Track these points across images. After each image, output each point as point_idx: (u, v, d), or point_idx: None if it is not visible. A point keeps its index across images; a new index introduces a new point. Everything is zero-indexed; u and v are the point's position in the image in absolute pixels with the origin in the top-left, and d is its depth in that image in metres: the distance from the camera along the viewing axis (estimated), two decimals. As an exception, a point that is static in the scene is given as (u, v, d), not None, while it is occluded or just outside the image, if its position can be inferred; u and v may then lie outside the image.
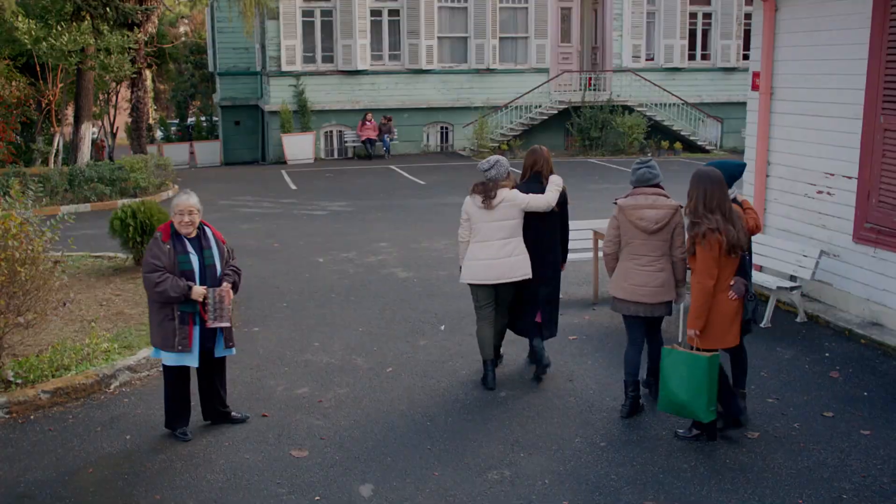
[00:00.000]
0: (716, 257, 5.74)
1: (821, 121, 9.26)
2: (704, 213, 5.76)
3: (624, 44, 28.05)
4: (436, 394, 7.13)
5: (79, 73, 18.73)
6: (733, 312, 5.96)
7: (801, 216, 9.66)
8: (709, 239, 5.72)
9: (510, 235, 7.09)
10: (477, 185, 7.16)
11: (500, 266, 7.09)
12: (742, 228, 5.86)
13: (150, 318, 6.24)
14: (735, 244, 5.75)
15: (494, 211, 7.04)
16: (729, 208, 5.80)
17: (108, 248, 12.46)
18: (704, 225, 5.73)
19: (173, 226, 6.18)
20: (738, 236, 5.77)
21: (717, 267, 5.76)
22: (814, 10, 9.27)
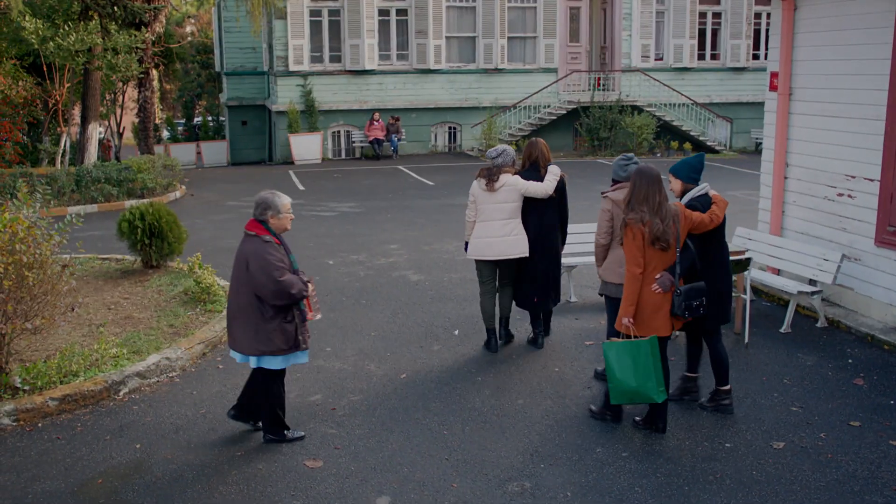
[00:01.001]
0: (640, 246, 5.95)
1: (841, 122, 9.08)
2: (634, 205, 6.01)
3: (633, 43, 27.86)
4: (452, 401, 6.98)
5: (86, 73, 18.62)
6: (656, 303, 6.07)
7: (820, 219, 9.49)
8: (631, 228, 5.97)
9: (510, 217, 7.85)
10: (482, 170, 7.99)
11: (501, 244, 7.85)
12: (671, 224, 5.98)
13: (260, 326, 5.90)
14: (658, 236, 5.91)
15: (497, 193, 7.81)
16: (659, 203, 5.96)
17: (116, 250, 12.33)
18: (630, 215, 6.00)
19: (266, 226, 5.96)
20: (664, 229, 5.92)
21: (642, 255, 5.96)
22: (834, 8, 9.10)
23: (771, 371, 7.61)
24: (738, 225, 13.92)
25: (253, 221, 5.99)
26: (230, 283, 6.12)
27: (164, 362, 7.56)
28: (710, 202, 6.50)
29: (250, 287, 5.87)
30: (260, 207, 5.96)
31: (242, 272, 5.92)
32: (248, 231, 5.98)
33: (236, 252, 6.08)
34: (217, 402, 7.02)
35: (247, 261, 5.87)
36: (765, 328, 8.80)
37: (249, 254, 5.86)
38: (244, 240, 5.99)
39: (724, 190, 18.55)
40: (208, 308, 9.16)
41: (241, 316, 5.96)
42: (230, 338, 6.15)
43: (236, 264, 6.01)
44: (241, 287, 5.95)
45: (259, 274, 5.80)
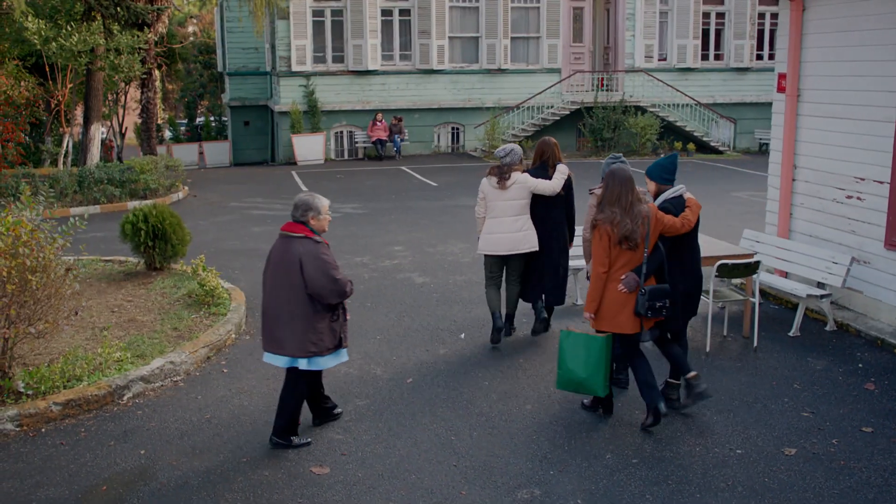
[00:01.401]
0: (606, 247, 6.13)
1: (850, 123, 9.01)
2: (604, 206, 6.18)
3: (636, 44, 27.79)
4: (459, 406, 6.91)
5: (88, 74, 18.56)
6: (620, 301, 6.20)
7: (828, 221, 9.41)
8: (598, 229, 6.14)
9: (519, 213, 8.13)
10: (493, 168, 8.24)
11: (510, 240, 8.13)
12: (641, 224, 6.10)
13: (311, 327, 5.92)
14: (627, 236, 6.06)
15: (507, 191, 8.09)
16: (631, 203, 6.11)
17: (119, 252, 12.27)
18: (599, 216, 6.17)
19: (308, 227, 5.98)
20: (632, 229, 6.06)
21: (607, 256, 6.14)
22: (844, 9, 9.03)
23: (780, 375, 7.54)
24: (743, 226, 13.85)
25: (293, 223, 5.98)
26: (269, 287, 6.03)
27: (169, 366, 7.50)
28: (684, 204, 6.52)
29: (303, 288, 5.85)
30: (301, 209, 5.97)
31: (292, 274, 5.86)
32: (292, 233, 5.95)
33: (276, 255, 6.02)
34: (222, 406, 6.96)
35: (299, 262, 5.83)
36: (773, 332, 8.73)
37: (303, 255, 5.83)
38: (290, 241, 5.94)
39: (727, 191, 18.52)
40: (212, 311, 9.09)
41: (290, 318, 5.92)
42: (273, 342, 6.06)
43: (279, 267, 5.95)
44: (290, 289, 5.89)
45: (317, 274, 5.82)
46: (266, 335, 6.12)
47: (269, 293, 6.04)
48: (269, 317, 6.06)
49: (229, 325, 8.63)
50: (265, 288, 6.09)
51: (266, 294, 6.07)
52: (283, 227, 6.03)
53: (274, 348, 6.06)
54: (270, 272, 6.03)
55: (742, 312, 8.90)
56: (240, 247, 13.21)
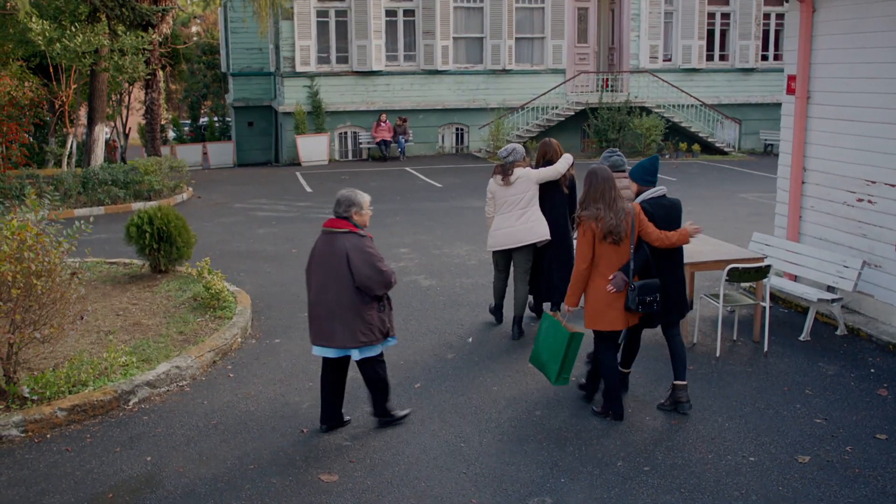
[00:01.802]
0: (590, 243, 6.26)
1: (861, 126, 8.93)
2: (588, 203, 6.32)
3: (641, 44, 27.69)
4: (468, 412, 6.84)
5: (92, 75, 18.51)
6: (609, 299, 6.34)
7: (839, 224, 9.33)
8: (583, 224, 6.28)
9: (527, 206, 8.36)
10: (497, 167, 8.50)
11: (519, 232, 8.37)
12: (624, 219, 6.24)
13: (362, 318, 6.11)
14: (611, 230, 6.19)
15: (512, 186, 8.35)
16: (613, 199, 6.27)
17: (123, 254, 12.22)
18: (583, 212, 6.31)
19: (352, 222, 6.17)
20: (616, 223, 6.20)
21: (590, 252, 6.28)
22: (855, 10, 8.95)
23: (792, 381, 7.46)
24: (750, 228, 13.78)
25: (337, 219, 6.18)
26: (316, 282, 6.17)
27: (174, 371, 7.44)
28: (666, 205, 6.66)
29: (351, 281, 6.04)
30: (344, 205, 6.17)
31: (340, 268, 6.05)
32: (336, 229, 6.14)
33: (321, 250, 6.18)
34: (228, 412, 6.90)
35: (346, 256, 6.02)
36: (783, 336, 8.65)
37: (351, 249, 6.03)
38: (335, 237, 6.12)
39: (734, 192, 18.44)
40: (217, 314, 9.02)
41: (342, 311, 6.08)
42: (322, 336, 6.21)
43: (326, 262, 6.11)
44: (338, 282, 6.06)
45: (364, 267, 6.02)
46: (315, 329, 6.26)
47: (316, 288, 6.18)
48: (317, 311, 6.20)
49: (235, 329, 8.57)
50: (311, 284, 6.24)
51: (312, 289, 6.21)
52: (326, 223, 6.22)
53: (325, 341, 6.22)
54: (316, 268, 6.18)
55: (752, 316, 8.83)
56: (245, 249, 13.14)
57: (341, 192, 6.30)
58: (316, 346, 6.32)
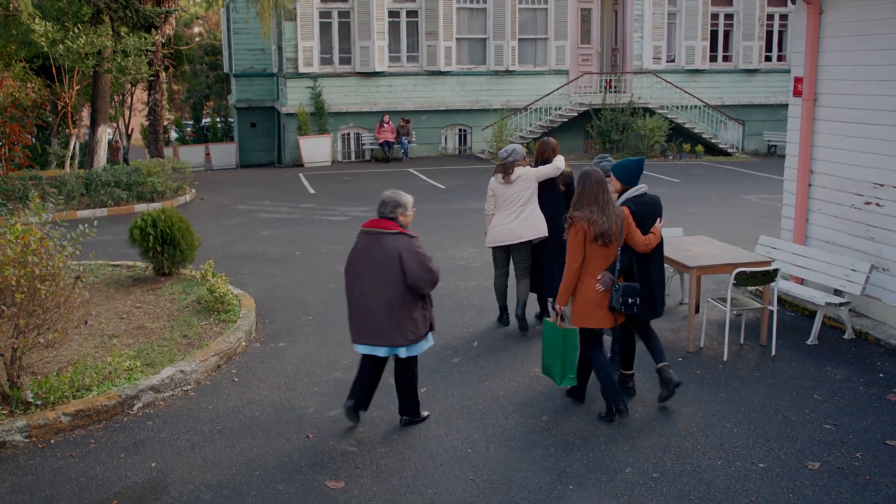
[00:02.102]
0: (581, 243, 6.44)
1: (869, 129, 8.88)
2: (582, 205, 6.47)
3: (644, 45, 27.63)
4: (474, 417, 6.79)
5: (95, 76, 18.48)
6: (597, 298, 6.52)
7: (846, 228, 9.28)
8: (575, 225, 6.45)
9: (526, 203, 8.60)
10: (498, 166, 8.75)
11: (518, 228, 8.59)
12: (615, 220, 6.43)
13: (411, 315, 6.25)
14: (603, 232, 6.37)
15: (513, 185, 8.59)
16: (606, 202, 6.45)
17: (126, 256, 12.18)
18: (576, 213, 6.47)
19: (398, 223, 6.26)
20: (608, 226, 6.38)
21: (581, 252, 6.45)
22: (862, 13, 8.89)
23: (800, 386, 7.41)
24: (755, 231, 13.73)
25: (383, 220, 6.24)
26: (362, 281, 6.23)
27: (179, 375, 7.39)
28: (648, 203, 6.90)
29: (402, 280, 6.14)
30: (390, 206, 6.26)
31: (391, 267, 6.13)
32: (385, 229, 6.19)
33: (368, 250, 6.21)
34: (234, 417, 6.85)
35: (399, 256, 6.10)
36: (790, 340, 8.60)
37: (403, 250, 6.13)
38: (383, 237, 6.17)
39: (738, 194, 18.39)
40: (222, 318, 8.98)
41: (392, 310, 6.18)
42: (370, 335, 6.28)
43: (375, 261, 6.17)
44: (389, 282, 6.15)
45: (416, 266, 6.13)
46: (359, 328, 6.32)
47: (362, 288, 6.24)
48: (364, 311, 6.25)
49: (239, 333, 8.52)
50: (355, 284, 6.28)
51: (358, 289, 6.26)
52: (370, 223, 6.27)
53: (374, 340, 6.28)
54: (363, 268, 6.22)
55: (758, 319, 8.78)
56: (248, 251, 13.10)
57: (386, 194, 6.35)
58: (362, 345, 6.37)
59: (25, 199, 16.81)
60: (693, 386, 7.40)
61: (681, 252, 8.70)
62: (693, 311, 8.30)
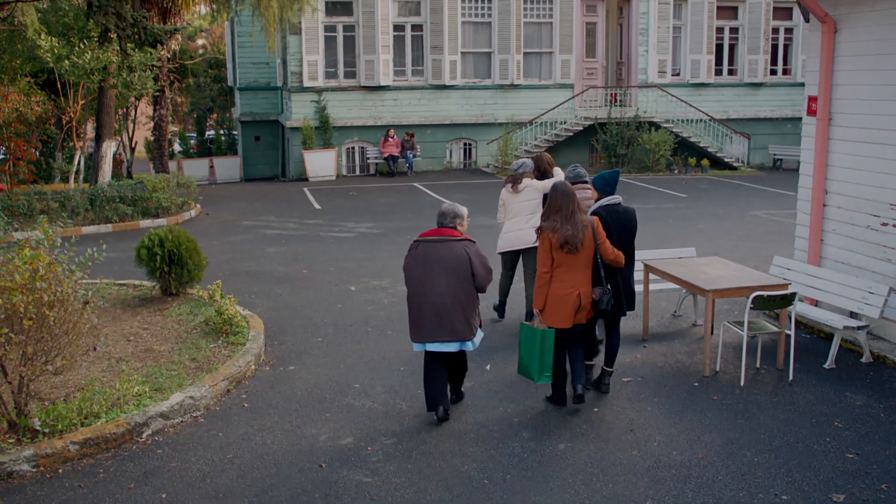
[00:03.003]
0: (547, 250, 7.01)
1: (886, 149, 8.77)
2: (549, 215, 7.06)
3: (650, 59, 27.58)
4: (489, 445, 6.67)
5: (100, 91, 18.40)
6: (564, 298, 7.04)
7: (862, 249, 9.17)
8: (542, 235, 7.04)
9: (534, 212, 9.29)
10: (508, 177, 9.61)
11: (527, 234, 9.28)
12: (581, 231, 6.96)
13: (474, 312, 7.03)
14: (567, 240, 6.90)
15: (521, 194, 9.43)
16: (571, 212, 6.98)
17: (132, 275, 12.08)
18: (543, 223, 7.06)
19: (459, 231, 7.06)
20: (573, 234, 6.91)
21: (549, 258, 7.02)
22: (878, 31, 8.80)
23: (820, 412, 7.29)
24: (765, 248, 13.63)
25: (446, 229, 7.02)
26: (433, 284, 6.85)
27: (188, 401, 7.28)
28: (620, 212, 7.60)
29: (470, 281, 6.89)
30: (449, 216, 7.07)
31: (461, 270, 6.86)
32: (450, 237, 6.94)
33: (437, 256, 6.87)
34: (244, 445, 6.73)
35: (468, 260, 6.86)
36: (807, 363, 8.47)
37: (471, 253, 6.90)
38: (449, 244, 6.91)
39: (746, 209, 18.28)
40: (230, 340, 8.87)
41: (462, 308, 6.90)
42: (442, 332, 6.90)
43: (445, 265, 6.85)
44: (459, 282, 6.85)
45: (482, 268, 6.92)
46: (429, 329, 6.91)
47: (432, 290, 6.84)
48: (434, 312, 6.87)
49: (249, 356, 8.41)
50: (423, 288, 6.89)
51: (427, 293, 6.86)
52: (433, 233, 7.00)
53: (446, 338, 6.91)
54: (432, 271, 6.86)
55: (773, 342, 8.67)
56: (255, 269, 12.99)
57: (445, 206, 7.13)
58: (433, 343, 6.93)
59: (30, 215, 16.74)
60: (711, 412, 7.28)
61: (695, 274, 8.59)
62: (709, 334, 8.19)
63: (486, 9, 26.37)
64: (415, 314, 6.98)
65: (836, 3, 9.33)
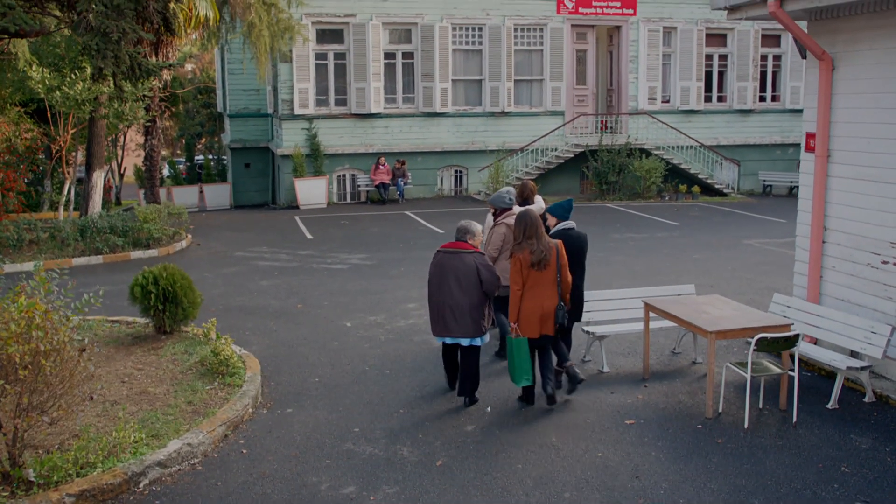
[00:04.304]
0: (518, 270, 8.07)
1: (886, 187, 8.76)
2: (522, 240, 8.12)
3: (640, 86, 27.70)
4: (494, 493, 6.56)
5: (91, 121, 18.29)
6: (536, 312, 8.08)
7: (862, 286, 9.13)
8: (515, 258, 8.12)
9: None
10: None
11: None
12: (548, 249, 8.04)
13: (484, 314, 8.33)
14: (539, 259, 7.99)
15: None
16: (540, 235, 8.08)
17: (125, 310, 11.91)
18: (515, 248, 8.14)
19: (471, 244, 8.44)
20: (543, 254, 8.01)
21: (520, 278, 8.06)
22: (876, 70, 8.81)
23: (825, 456, 7.21)
24: (761, 280, 13.59)
25: (461, 243, 8.41)
26: (447, 289, 8.24)
27: (186, 449, 7.14)
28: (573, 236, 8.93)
29: (479, 286, 8.22)
30: (462, 232, 8.49)
31: (472, 276, 8.22)
32: (464, 249, 8.34)
33: (451, 265, 8.25)
34: (244, 494, 6.59)
35: (477, 269, 8.22)
36: (810, 403, 8.41)
37: (480, 264, 8.27)
38: (464, 255, 8.28)
39: (739, 238, 18.29)
40: (227, 381, 8.74)
41: (472, 309, 8.23)
42: (456, 329, 8.25)
43: (459, 273, 8.22)
44: (471, 288, 8.21)
45: (490, 276, 8.27)
46: (446, 325, 8.30)
47: (450, 293, 8.23)
48: (450, 311, 8.24)
49: (246, 399, 8.28)
50: (440, 291, 8.29)
51: (444, 295, 8.25)
52: (451, 245, 8.43)
53: (459, 333, 8.27)
54: (451, 278, 8.23)
55: (775, 381, 8.61)
56: (249, 304, 12.86)
57: (462, 223, 8.56)
58: (448, 337, 8.36)
59: (19, 247, 16.58)
60: (716, 457, 7.20)
61: (697, 314, 8.53)
62: (711, 375, 8.11)
63: (476, 37, 26.44)
64: (435, 313, 8.40)
65: (834, 42, 9.35)
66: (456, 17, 26.05)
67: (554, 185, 26.29)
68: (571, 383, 8.66)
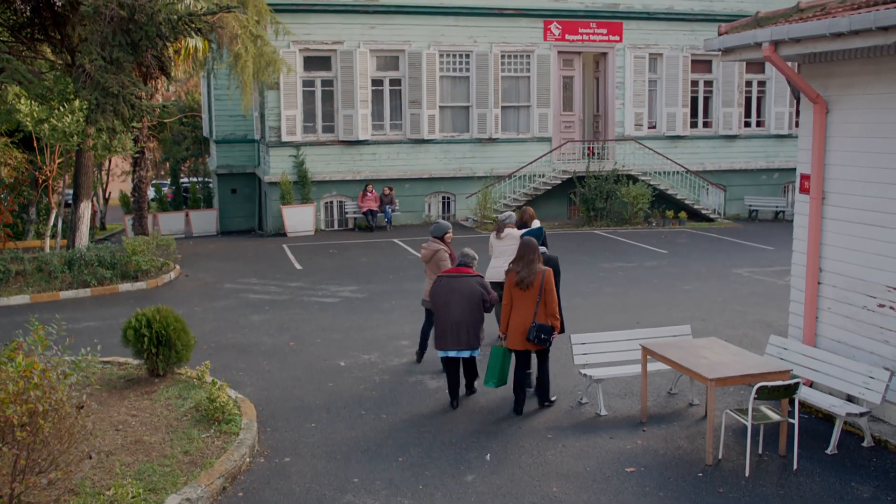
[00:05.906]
0: (508, 287, 9.24)
1: (881, 231, 8.80)
2: (516, 261, 9.24)
3: (626, 112, 27.84)
4: (498, 552, 6.50)
5: (79, 152, 18.16)
6: (520, 328, 9.15)
7: (858, 329, 9.16)
8: (507, 276, 9.29)
9: (512, 255, 10.28)
10: (495, 226, 12.43)
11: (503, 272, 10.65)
12: (531, 274, 9.07)
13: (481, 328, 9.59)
14: (522, 280, 9.08)
15: (503, 240, 11.82)
16: (531, 260, 9.14)
17: (116, 349, 11.76)
18: (509, 268, 9.32)
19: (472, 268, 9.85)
20: (526, 274, 9.08)
21: (509, 294, 9.22)
22: (870, 114, 8.87)
23: (828, 506, 7.20)
24: (752, 312, 13.61)
25: (464, 267, 9.75)
26: (454, 307, 9.41)
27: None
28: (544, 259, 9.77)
29: (481, 305, 9.47)
30: (464, 258, 9.88)
31: (475, 296, 9.45)
32: (467, 274, 9.64)
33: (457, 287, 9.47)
34: (245, 554, 6.51)
35: (480, 289, 9.50)
36: (809, 448, 8.40)
37: (481, 286, 9.57)
38: (468, 279, 9.56)
39: (728, 267, 18.35)
40: (223, 429, 8.64)
41: (474, 326, 9.45)
42: (459, 342, 9.44)
43: (463, 293, 9.43)
44: (472, 307, 9.42)
45: (490, 295, 9.54)
46: (451, 340, 9.44)
47: (453, 311, 9.39)
48: (454, 327, 9.39)
49: (243, 448, 8.19)
50: (447, 310, 9.42)
51: (448, 312, 9.41)
52: (454, 270, 9.78)
53: (462, 347, 9.47)
54: (455, 299, 9.41)
55: (774, 426, 8.59)
56: (240, 341, 12.76)
57: (464, 251, 9.96)
58: (453, 351, 9.48)
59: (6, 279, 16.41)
60: (719, 508, 7.17)
61: (696, 359, 8.52)
62: (711, 422, 8.09)
63: (464, 64, 26.52)
64: (440, 329, 9.48)
65: (828, 85, 9.41)
66: (443, 44, 26.13)
67: (542, 212, 26.24)
68: None
